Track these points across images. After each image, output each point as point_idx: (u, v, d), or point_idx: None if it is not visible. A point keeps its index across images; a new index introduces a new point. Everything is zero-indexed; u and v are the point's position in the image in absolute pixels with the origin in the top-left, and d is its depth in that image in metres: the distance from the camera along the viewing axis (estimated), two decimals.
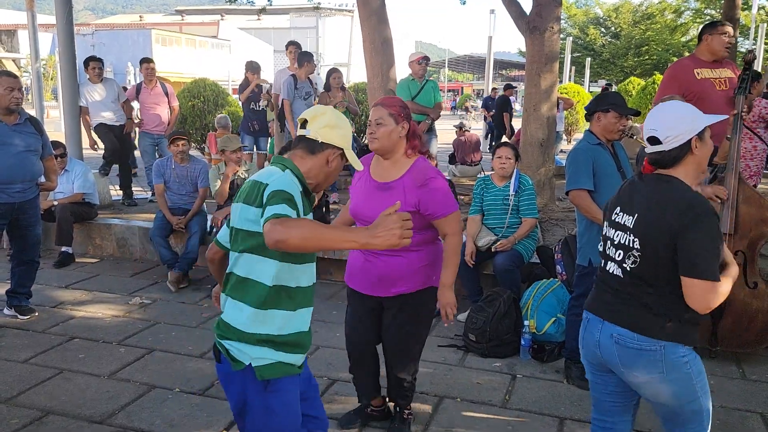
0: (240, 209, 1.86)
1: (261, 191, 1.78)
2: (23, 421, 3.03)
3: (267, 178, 1.83)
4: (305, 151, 1.95)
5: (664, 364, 1.93)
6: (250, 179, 1.90)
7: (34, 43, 10.41)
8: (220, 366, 1.92)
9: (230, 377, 1.88)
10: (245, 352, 1.85)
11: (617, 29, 35.86)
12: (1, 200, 4.05)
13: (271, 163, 1.97)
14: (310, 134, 1.95)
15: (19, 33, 37.99)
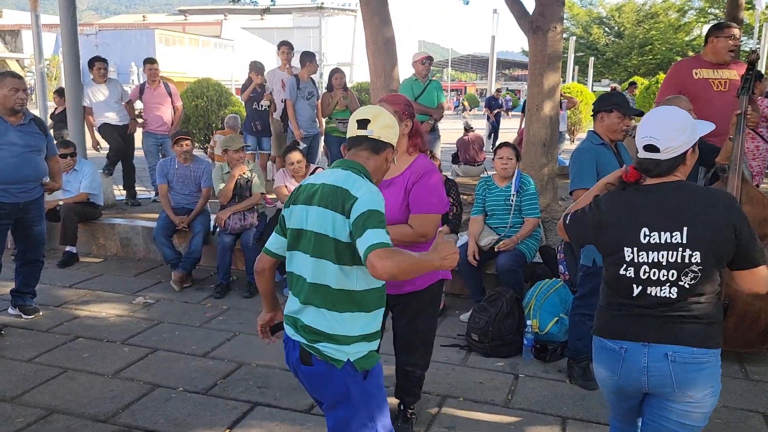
0: (319, 213, 1.88)
1: (349, 201, 1.83)
2: (28, 420, 3.04)
3: (351, 185, 1.87)
4: (370, 152, 2.03)
5: (712, 375, 1.92)
6: (318, 182, 1.94)
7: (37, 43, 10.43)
8: (311, 368, 1.95)
9: (325, 376, 1.94)
10: (343, 351, 1.92)
11: (620, 28, 35.80)
12: (6, 200, 4.07)
13: (341, 166, 1.98)
14: (374, 134, 2.01)
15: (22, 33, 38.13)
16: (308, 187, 1.97)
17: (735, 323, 3.61)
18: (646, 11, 34.93)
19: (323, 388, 1.99)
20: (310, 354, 1.93)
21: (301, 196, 1.98)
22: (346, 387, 1.94)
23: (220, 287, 4.99)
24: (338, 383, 1.94)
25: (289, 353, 2.02)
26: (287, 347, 2.04)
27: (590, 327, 3.43)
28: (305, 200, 1.94)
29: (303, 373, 1.99)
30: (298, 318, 1.98)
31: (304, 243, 1.93)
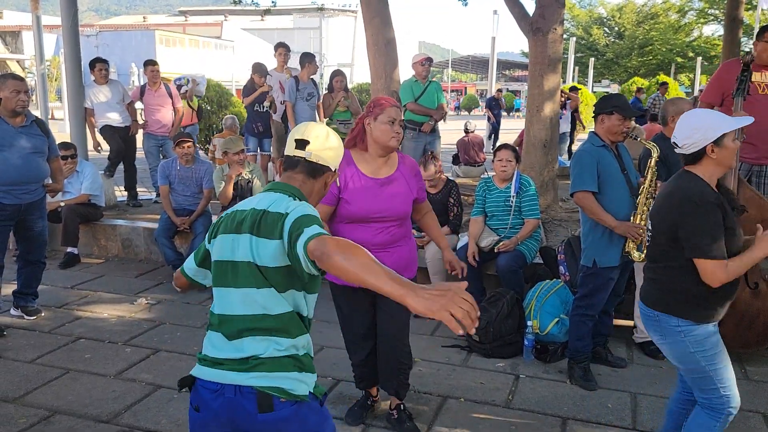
0: (252, 242, 1.69)
1: (280, 221, 1.65)
2: (30, 421, 3.06)
3: (281, 207, 1.70)
4: (305, 175, 1.84)
5: (661, 329, 2.34)
6: (256, 208, 1.74)
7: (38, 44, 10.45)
8: (272, 414, 1.65)
9: (290, 420, 1.67)
10: (302, 382, 1.71)
11: (621, 29, 35.82)
12: (8, 201, 4.08)
13: (273, 189, 1.81)
14: (312, 157, 1.83)
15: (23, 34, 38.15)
16: (236, 214, 1.77)
17: (734, 323, 3.62)
18: (646, 12, 34.95)
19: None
20: (271, 396, 1.65)
21: (224, 226, 1.78)
22: (308, 423, 1.72)
23: None
24: (304, 422, 1.70)
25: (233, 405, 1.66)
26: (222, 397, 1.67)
27: (590, 327, 3.48)
28: (233, 229, 1.74)
29: (261, 423, 1.65)
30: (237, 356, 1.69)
31: (235, 276, 1.71)
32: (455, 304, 1.28)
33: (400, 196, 2.79)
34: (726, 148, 2.25)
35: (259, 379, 1.66)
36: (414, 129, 6.43)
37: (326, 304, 4.74)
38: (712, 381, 2.29)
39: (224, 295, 1.75)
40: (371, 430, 3.02)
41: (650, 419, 3.08)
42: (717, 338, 2.31)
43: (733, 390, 2.31)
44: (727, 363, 2.31)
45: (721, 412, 2.31)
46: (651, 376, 3.57)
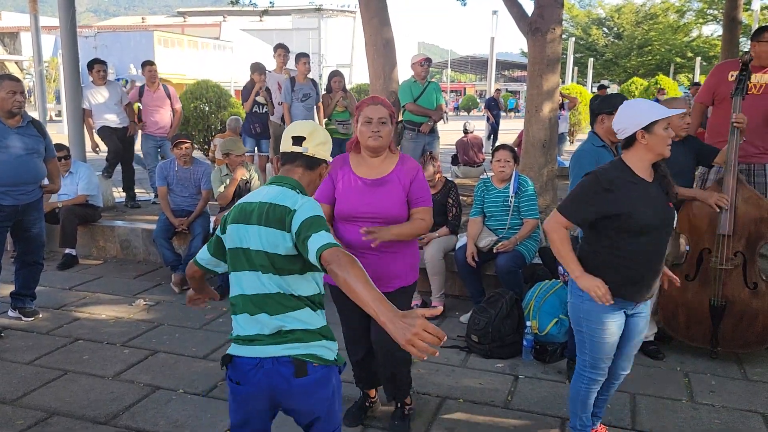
0: (261, 232, 1.90)
1: (288, 216, 1.86)
2: (28, 422, 3.05)
3: (287, 201, 1.91)
4: (305, 168, 2.06)
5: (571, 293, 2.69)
6: (263, 201, 1.94)
7: (36, 45, 10.45)
8: (307, 378, 1.90)
9: (320, 381, 1.92)
10: (329, 349, 1.97)
11: (620, 29, 35.84)
12: (5, 202, 4.08)
13: (276, 183, 2.01)
14: (309, 151, 2.05)
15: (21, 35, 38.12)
16: (244, 206, 1.98)
17: (733, 324, 3.63)
18: (645, 12, 34.97)
19: (316, 395, 1.94)
20: (305, 362, 1.89)
21: (236, 216, 1.98)
22: (333, 385, 1.98)
23: (220, 289, 4.98)
24: (330, 383, 1.96)
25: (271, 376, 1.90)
26: (261, 370, 1.90)
27: None
28: (242, 220, 1.95)
29: (297, 386, 1.90)
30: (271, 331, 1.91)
31: (248, 261, 1.93)
32: (419, 338, 1.51)
33: (389, 197, 2.72)
34: (656, 135, 2.39)
35: (293, 349, 1.89)
36: (413, 129, 6.42)
37: (328, 306, 4.75)
38: (584, 347, 2.61)
39: (241, 278, 1.96)
40: (370, 430, 3.01)
41: (649, 419, 3.08)
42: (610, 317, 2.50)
43: (599, 362, 2.59)
44: (606, 341, 2.54)
45: (583, 376, 2.65)
46: (650, 376, 3.56)
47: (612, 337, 2.55)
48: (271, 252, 1.89)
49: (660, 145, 2.40)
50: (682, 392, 3.37)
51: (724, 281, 3.59)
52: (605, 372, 2.64)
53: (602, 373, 2.63)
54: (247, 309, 1.94)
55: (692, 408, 3.21)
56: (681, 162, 3.67)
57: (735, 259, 3.57)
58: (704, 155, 3.79)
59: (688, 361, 3.75)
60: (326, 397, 1.96)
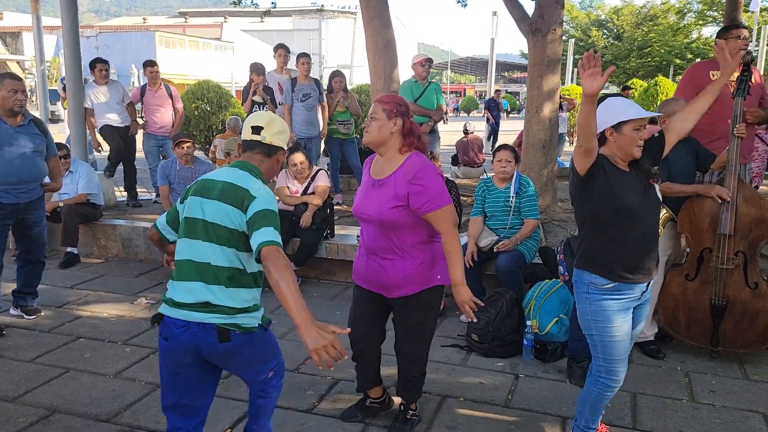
0: (219, 207, 2.15)
1: (248, 199, 2.12)
2: (30, 420, 3.06)
3: (250, 186, 2.16)
4: (263, 155, 2.30)
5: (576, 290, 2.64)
6: (225, 180, 2.19)
7: (38, 45, 10.46)
8: (229, 344, 2.14)
9: (241, 346, 2.17)
10: (253, 317, 2.22)
11: (620, 31, 35.89)
12: (7, 201, 4.08)
13: (239, 167, 2.25)
14: (266, 140, 2.28)
15: (23, 35, 38.15)
16: (207, 182, 2.23)
17: (733, 324, 3.63)
18: (645, 14, 35.02)
19: (238, 356, 2.21)
20: (229, 330, 2.13)
21: (195, 190, 2.23)
22: (255, 346, 2.24)
23: None
24: (249, 348, 2.21)
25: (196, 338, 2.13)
26: (188, 332, 2.13)
27: None
28: (202, 193, 2.20)
29: (220, 349, 2.14)
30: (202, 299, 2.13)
31: (200, 231, 2.17)
32: (326, 352, 1.82)
33: (381, 200, 2.61)
34: (623, 135, 2.41)
35: (218, 318, 2.13)
36: None
37: (326, 305, 4.77)
38: (597, 350, 2.57)
39: (190, 245, 2.19)
40: (372, 428, 3.02)
41: (650, 419, 3.09)
42: (617, 314, 2.48)
43: (613, 365, 2.54)
44: (617, 339, 2.50)
45: (598, 379, 2.59)
46: (650, 375, 3.57)
47: (622, 335, 2.52)
48: (222, 225, 2.13)
49: (628, 146, 2.42)
50: (682, 392, 3.38)
51: (725, 281, 3.60)
52: (621, 379, 2.58)
53: (617, 380, 2.58)
54: (189, 275, 2.16)
55: (693, 407, 3.22)
56: (682, 162, 3.68)
57: (736, 258, 3.57)
58: (702, 159, 3.79)
59: (689, 361, 3.76)
60: (248, 358, 2.23)
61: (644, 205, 2.46)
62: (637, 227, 2.46)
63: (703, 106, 2.74)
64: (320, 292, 5.09)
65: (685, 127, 2.73)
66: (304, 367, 3.68)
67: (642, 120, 2.41)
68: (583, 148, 2.35)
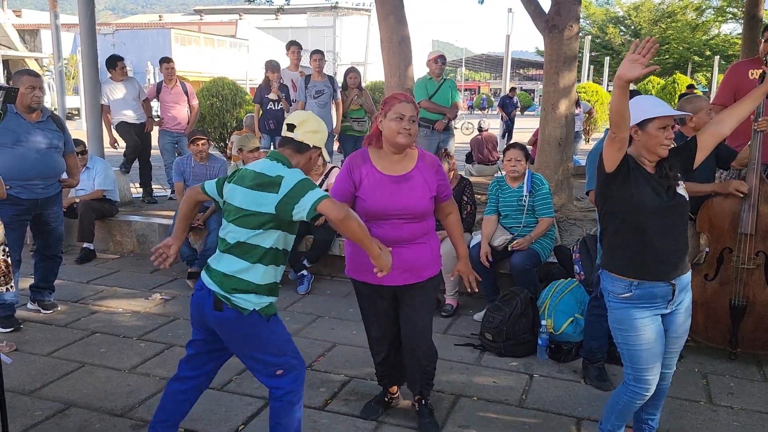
0: (247, 193, 2.32)
1: (277, 180, 2.27)
2: (46, 413, 3.09)
3: (277, 170, 2.31)
4: (293, 151, 2.43)
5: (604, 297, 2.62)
6: (250, 169, 2.37)
7: (56, 42, 10.58)
8: (221, 314, 2.34)
9: (233, 321, 2.35)
10: (249, 300, 2.34)
11: (637, 28, 35.49)
12: (25, 196, 4.12)
13: (269, 157, 2.40)
14: (297, 137, 2.41)
15: (41, 32, 38.57)
16: (243, 172, 2.41)
17: (753, 325, 3.57)
18: (663, 10, 34.58)
19: (227, 332, 2.39)
20: (222, 302, 2.33)
21: (234, 178, 2.42)
22: (251, 331, 2.37)
23: None
24: (241, 328, 2.36)
25: (203, 300, 2.39)
26: (200, 294, 2.41)
27: (606, 328, 3.44)
28: (237, 181, 2.38)
29: (212, 317, 2.36)
30: (215, 266, 2.39)
31: (231, 214, 2.37)
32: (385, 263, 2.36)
33: (416, 193, 2.72)
34: (648, 134, 2.36)
35: (218, 288, 2.35)
36: (427, 127, 6.40)
37: (339, 302, 4.76)
38: (625, 359, 2.51)
39: (225, 225, 2.41)
40: (385, 427, 3.01)
41: (666, 420, 3.04)
42: (642, 322, 2.41)
43: (641, 374, 2.46)
44: (643, 348, 2.43)
45: (627, 386, 2.53)
46: None
47: (649, 344, 2.43)
48: (252, 210, 2.29)
49: (653, 145, 2.36)
50: (700, 394, 3.33)
51: (745, 281, 3.54)
52: (652, 387, 2.49)
53: (648, 388, 2.49)
54: (222, 247, 2.40)
55: (711, 410, 3.17)
56: (702, 162, 3.62)
57: (756, 258, 3.51)
58: (722, 157, 3.73)
59: (707, 362, 3.71)
60: (240, 335, 2.38)
61: (667, 206, 2.39)
62: (659, 227, 2.39)
63: (743, 110, 2.60)
64: (333, 290, 5.09)
65: (723, 131, 2.57)
66: (317, 364, 3.68)
67: (668, 118, 2.33)
68: (616, 138, 2.27)
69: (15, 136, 4.02)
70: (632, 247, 2.41)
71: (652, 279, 2.40)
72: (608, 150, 2.34)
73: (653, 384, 2.49)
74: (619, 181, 2.38)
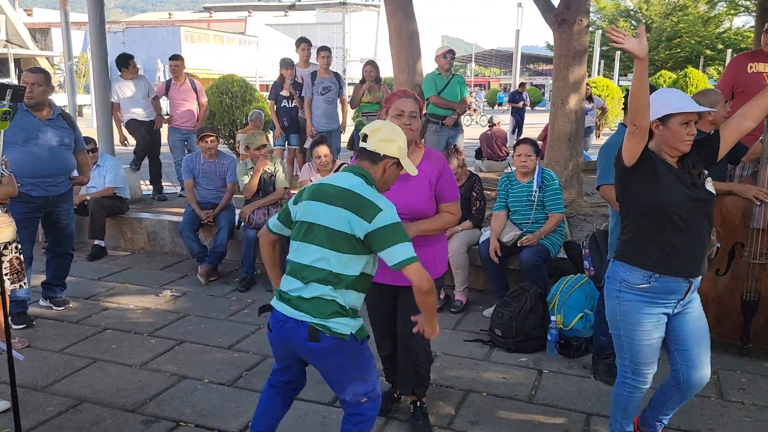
0: (335, 212, 2.18)
1: (373, 209, 2.15)
2: (59, 409, 3.12)
3: (371, 195, 2.19)
4: (369, 162, 2.31)
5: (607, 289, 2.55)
6: (333, 184, 2.24)
7: (67, 41, 10.64)
8: (318, 345, 2.19)
9: (332, 350, 2.21)
10: (346, 324, 2.21)
11: (648, 21, 35.16)
12: (36, 193, 4.15)
13: (353, 172, 2.27)
14: (370, 147, 2.29)
15: (52, 31, 38.85)
16: (324, 187, 2.26)
17: (765, 320, 3.54)
18: (674, 3, 34.25)
19: (326, 359, 2.26)
20: (319, 331, 2.17)
21: (312, 194, 2.26)
22: (347, 356, 2.25)
23: (245, 281, 5.04)
24: (338, 354, 2.23)
25: (292, 333, 2.22)
26: (285, 326, 2.23)
27: None
28: (318, 197, 2.23)
29: (310, 348, 2.22)
30: (300, 295, 2.22)
31: (313, 234, 2.22)
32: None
33: (416, 193, 2.69)
34: (670, 130, 2.29)
35: (313, 318, 2.18)
36: (436, 123, 6.39)
37: None
38: (623, 351, 2.48)
39: (300, 248, 2.26)
40: (393, 423, 3.02)
41: (677, 416, 3.02)
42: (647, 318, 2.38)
43: (640, 368, 2.45)
44: (645, 343, 2.41)
45: (624, 380, 2.52)
46: None
47: (651, 339, 2.41)
48: (343, 231, 2.16)
49: (674, 141, 2.30)
50: (710, 389, 3.31)
51: (757, 276, 3.51)
52: (649, 380, 2.49)
53: (645, 381, 2.49)
54: (296, 274, 2.25)
55: (721, 405, 3.15)
56: None
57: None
58: (733, 151, 3.68)
59: (717, 358, 3.66)
60: (336, 363, 2.25)
61: (694, 200, 2.33)
62: (685, 222, 2.32)
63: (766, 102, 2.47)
64: None
65: (746, 126, 2.47)
66: None
67: (691, 114, 2.27)
68: (635, 130, 2.21)
69: (26, 134, 4.05)
70: (656, 240, 2.34)
71: (673, 274, 2.35)
72: (628, 143, 2.29)
73: (651, 378, 2.49)
74: (639, 175, 2.33)
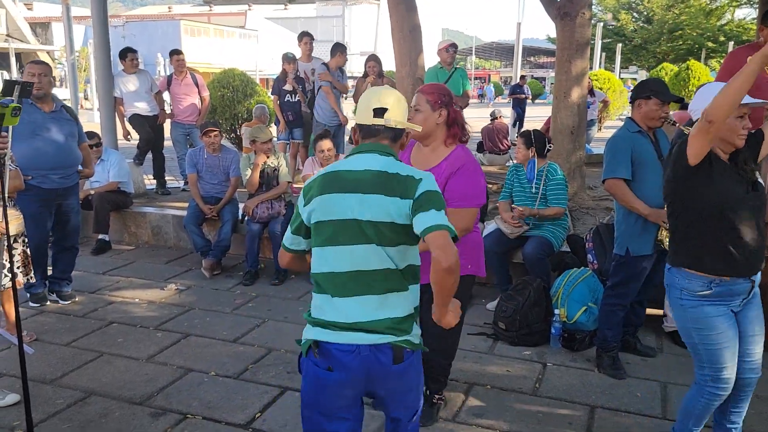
0: (374, 200, 1.79)
1: (413, 183, 1.79)
2: (67, 401, 3.15)
3: (407, 170, 1.83)
4: (391, 141, 1.94)
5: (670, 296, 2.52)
6: (372, 169, 1.83)
7: (68, 35, 10.63)
8: (403, 364, 1.85)
9: (409, 366, 1.88)
10: (417, 334, 1.92)
11: (650, 14, 35.04)
12: (46, 186, 4.17)
13: (375, 150, 1.89)
14: (391, 123, 1.91)
15: (53, 25, 38.73)
16: (342, 174, 1.85)
17: None
18: None
19: (407, 378, 1.91)
20: (402, 348, 1.83)
21: (326, 186, 1.84)
22: (419, 366, 1.96)
23: (249, 275, 5.07)
24: (418, 366, 1.95)
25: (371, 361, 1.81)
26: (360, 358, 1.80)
27: (621, 317, 3.44)
28: (340, 189, 1.82)
29: (394, 372, 1.84)
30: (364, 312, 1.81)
31: (348, 233, 1.80)
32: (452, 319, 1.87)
33: None
34: (726, 124, 2.23)
35: (391, 337, 1.82)
36: None
37: None
38: (701, 359, 2.39)
39: (336, 253, 1.83)
40: None
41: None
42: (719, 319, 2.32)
43: (721, 373, 2.35)
44: (723, 345, 2.33)
45: (704, 388, 2.41)
46: (681, 365, 3.52)
47: (728, 340, 2.33)
48: (383, 221, 1.78)
49: (729, 135, 2.24)
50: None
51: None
52: (730, 385, 2.38)
53: (726, 387, 2.38)
54: (346, 289, 1.82)
55: None
56: None
57: None
58: None
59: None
60: (412, 382, 1.94)
61: (751, 198, 2.29)
62: (745, 220, 2.27)
63: None
64: None
65: None
66: None
67: (746, 107, 2.22)
68: (711, 128, 2.13)
69: (32, 128, 4.07)
70: (717, 242, 2.28)
71: (735, 275, 2.30)
72: (697, 141, 2.21)
73: (732, 383, 2.39)
74: (701, 174, 2.27)
